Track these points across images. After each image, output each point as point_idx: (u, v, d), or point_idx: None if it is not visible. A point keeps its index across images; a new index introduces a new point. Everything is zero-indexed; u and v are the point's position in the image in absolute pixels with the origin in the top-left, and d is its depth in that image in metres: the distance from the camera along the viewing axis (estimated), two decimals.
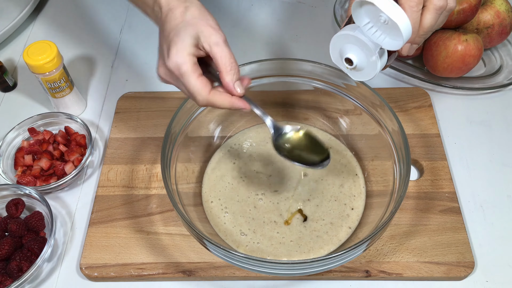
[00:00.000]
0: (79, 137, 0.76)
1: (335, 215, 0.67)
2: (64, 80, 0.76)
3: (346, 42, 0.56)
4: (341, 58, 0.59)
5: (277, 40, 0.93)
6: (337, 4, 0.93)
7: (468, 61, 0.78)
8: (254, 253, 0.64)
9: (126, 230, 0.68)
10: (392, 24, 0.51)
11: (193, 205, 0.68)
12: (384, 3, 0.50)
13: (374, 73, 0.56)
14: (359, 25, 0.53)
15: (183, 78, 0.55)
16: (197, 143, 0.73)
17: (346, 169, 0.72)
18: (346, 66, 0.59)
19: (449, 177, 0.71)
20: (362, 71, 0.58)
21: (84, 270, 0.64)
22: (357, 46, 0.55)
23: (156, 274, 0.64)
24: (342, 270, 0.63)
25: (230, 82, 0.55)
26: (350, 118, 0.74)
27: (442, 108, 0.81)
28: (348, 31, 0.55)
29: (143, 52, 0.92)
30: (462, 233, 0.66)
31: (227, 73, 0.55)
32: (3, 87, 0.87)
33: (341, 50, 0.58)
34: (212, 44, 0.54)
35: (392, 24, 0.51)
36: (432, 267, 0.63)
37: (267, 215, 0.68)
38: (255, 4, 1.00)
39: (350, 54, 0.57)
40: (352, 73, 0.60)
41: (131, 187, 0.72)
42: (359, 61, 0.57)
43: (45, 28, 0.98)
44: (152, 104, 0.81)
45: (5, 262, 0.64)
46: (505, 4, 0.81)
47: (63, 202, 0.72)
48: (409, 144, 0.65)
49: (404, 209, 0.68)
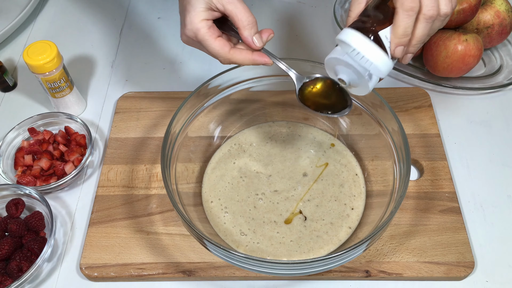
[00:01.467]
0: (79, 137, 0.76)
1: (335, 215, 0.67)
2: (64, 80, 0.76)
3: (337, 64, 0.57)
4: (335, 76, 0.60)
5: (277, 40, 0.93)
6: (337, 4, 0.94)
7: (468, 61, 0.78)
8: (254, 253, 0.64)
9: (126, 230, 0.68)
10: None
11: (193, 205, 0.68)
12: (359, 43, 0.53)
13: (367, 90, 0.58)
14: (346, 51, 0.54)
15: (202, 44, 0.58)
16: (197, 143, 0.73)
17: (346, 169, 0.72)
18: (341, 84, 0.60)
19: (449, 177, 0.71)
20: (357, 88, 0.59)
21: (84, 270, 0.64)
22: (348, 68, 0.56)
23: (156, 274, 0.64)
24: (342, 270, 0.63)
25: (248, 36, 0.58)
26: (350, 118, 0.74)
27: (442, 108, 0.81)
28: (338, 55, 0.56)
29: (143, 52, 0.92)
30: (462, 233, 0.66)
31: (244, 28, 0.57)
32: (3, 87, 0.87)
33: (335, 69, 0.59)
34: (225, 3, 0.57)
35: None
36: (432, 267, 0.63)
37: (267, 215, 0.68)
38: (255, 4, 1.00)
39: (342, 75, 0.58)
40: (348, 89, 0.61)
41: (131, 187, 0.72)
42: (351, 81, 0.58)
43: (45, 28, 0.98)
44: (152, 104, 0.81)
45: (5, 262, 0.64)
46: (505, 4, 0.81)
47: (63, 202, 0.72)
48: (409, 144, 0.65)
49: (404, 209, 0.68)
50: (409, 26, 0.52)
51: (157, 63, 0.90)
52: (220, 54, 0.58)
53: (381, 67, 0.54)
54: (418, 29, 0.53)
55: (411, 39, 0.54)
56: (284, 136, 0.76)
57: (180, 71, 0.89)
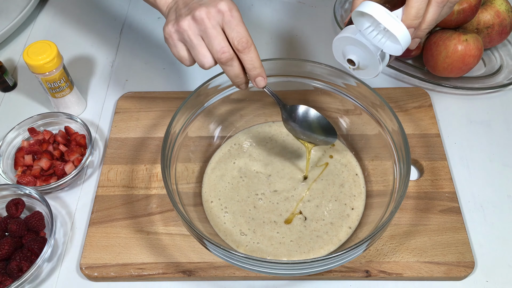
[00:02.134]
0: (79, 137, 0.76)
1: (335, 215, 0.67)
2: (64, 80, 0.76)
3: (348, 43, 0.56)
4: (343, 57, 0.59)
5: (277, 40, 0.93)
6: (337, 4, 0.94)
7: (468, 61, 0.78)
8: (254, 253, 0.64)
9: (126, 230, 0.68)
10: (391, 33, 0.52)
11: (193, 205, 0.68)
12: (381, 15, 0.51)
13: (376, 72, 0.57)
14: (360, 29, 0.54)
15: (234, 19, 0.56)
16: (197, 143, 0.73)
17: (346, 169, 0.72)
18: (349, 66, 0.59)
19: (449, 177, 0.71)
20: (365, 70, 0.58)
21: (84, 270, 0.64)
22: (358, 48, 0.55)
23: (156, 274, 0.64)
24: (342, 270, 0.63)
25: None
26: (350, 118, 0.74)
27: (442, 108, 0.81)
28: (350, 34, 0.55)
29: (143, 52, 0.92)
30: (462, 233, 0.66)
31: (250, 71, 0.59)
32: (3, 87, 0.87)
33: (344, 50, 0.58)
34: None
35: (391, 33, 0.52)
36: (432, 267, 0.63)
37: (267, 215, 0.68)
38: (255, 4, 1.00)
39: (352, 55, 0.57)
40: (355, 72, 0.60)
41: (131, 187, 0.72)
42: (361, 62, 0.57)
43: (45, 28, 0.98)
44: (152, 104, 0.81)
45: (5, 262, 0.64)
46: (505, 4, 0.81)
47: (63, 202, 0.72)
48: (409, 144, 0.65)
49: (404, 209, 0.68)
50: (422, 8, 0.53)
51: (157, 63, 0.90)
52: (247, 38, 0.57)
53: (400, 39, 0.52)
54: (429, 12, 0.54)
55: (421, 23, 0.54)
56: (284, 136, 0.76)
57: (180, 71, 0.89)
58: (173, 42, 0.59)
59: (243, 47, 0.56)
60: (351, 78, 0.68)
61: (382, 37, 0.53)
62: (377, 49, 0.54)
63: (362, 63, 0.57)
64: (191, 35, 0.57)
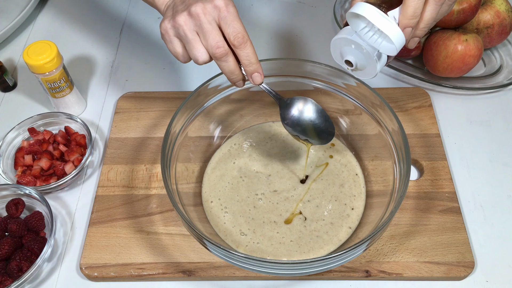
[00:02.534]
0: (79, 137, 0.76)
1: (335, 215, 0.67)
2: (64, 80, 0.76)
3: (345, 44, 0.56)
4: (341, 59, 0.59)
5: (277, 40, 0.93)
6: (337, 4, 0.94)
7: (468, 61, 0.78)
8: (254, 253, 0.64)
9: (126, 230, 0.68)
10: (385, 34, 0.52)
11: (193, 205, 0.68)
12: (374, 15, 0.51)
13: (374, 73, 0.57)
14: (355, 30, 0.54)
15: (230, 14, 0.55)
16: (197, 143, 0.73)
17: (346, 169, 0.72)
18: (347, 67, 0.59)
19: (449, 177, 0.71)
20: (363, 71, 0.58)
21: (84, 270, 0.64)
22: (355, 49, 0.55)
23: (156, 274, 0.64)
24: (342, 270, 0.63)
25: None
26: (350, 118, 0.74)
27: (442, 108, 0.81)
28: (346, 35, 0.55)
29: (143, 52, 0.92)
30: (462, 233, 0.66)
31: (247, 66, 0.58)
32: (3, 87, 0.87)
33: (341, 51, 0.58)
34: None
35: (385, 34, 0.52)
36: (432, 267, 0.63)
37: (267, 215, 0.68)
38: (255, 4, 1.00)
39: (350, 56, 0.57)
40: (354, 72, 0.60)
41: (131, 187, 0.72)
42: (359, 62, 0.57)
43: (45, 28, 0.98)
44: (152, 104, 0.81)
45: (5, 262, 0.64)
46: (505, 4, 0.81)
47: (63, 202, 0.72)
48: (409, 144, 0.65)
49: (404, 209, 0.68)
50: (419, 7, 0.52)
51: (157, 63, 0.90)
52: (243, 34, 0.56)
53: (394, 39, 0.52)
54: (427, 11, 0.53)
55: (419, 22, 0.54)
56: (284, 136, 0.76)
57: (180, 71, 0.89)
58: (169, 38, 0.59)
59: (239, 42, 0.56)
60: (351, 78, 0.68)
61: (378, 38, 0.53)
62: (374, 50, 0.54)
63: (360, 64, 0.57)
64: (186, 30, 0.57)
